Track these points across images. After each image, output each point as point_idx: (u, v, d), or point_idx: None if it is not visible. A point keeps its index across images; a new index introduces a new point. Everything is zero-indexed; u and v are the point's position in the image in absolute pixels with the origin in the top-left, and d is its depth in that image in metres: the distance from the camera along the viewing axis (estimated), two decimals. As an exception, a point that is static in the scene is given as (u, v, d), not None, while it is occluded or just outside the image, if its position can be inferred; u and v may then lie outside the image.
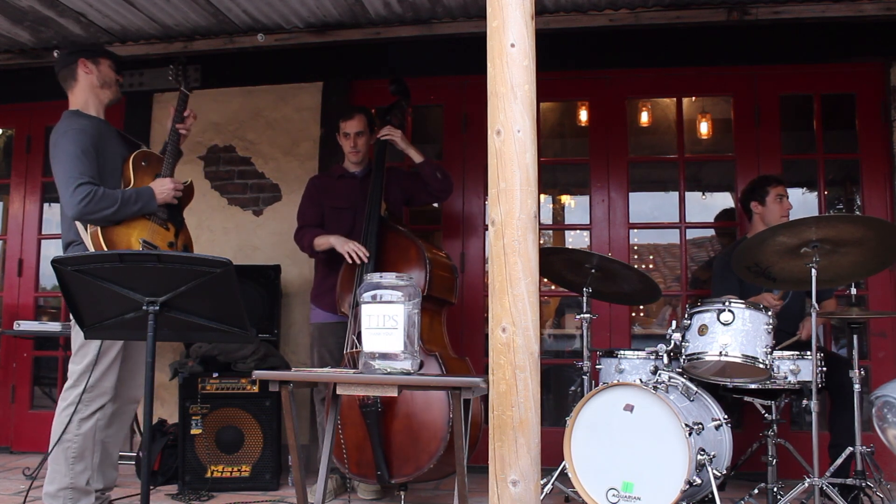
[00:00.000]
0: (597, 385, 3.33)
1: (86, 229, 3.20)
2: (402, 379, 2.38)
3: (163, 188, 3.35)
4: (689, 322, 3.35)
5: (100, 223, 3.17)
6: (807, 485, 3.07)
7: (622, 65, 4.73)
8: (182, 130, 3.53)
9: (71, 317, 3.24)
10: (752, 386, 3.34)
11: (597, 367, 3.67)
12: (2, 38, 4.66)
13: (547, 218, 6.20)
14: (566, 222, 6.61)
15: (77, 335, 3.21)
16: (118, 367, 3.24)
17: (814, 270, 3.10)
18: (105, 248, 3.15)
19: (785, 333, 3.67)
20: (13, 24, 4.45)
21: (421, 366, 2.50)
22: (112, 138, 3.38)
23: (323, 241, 3.85)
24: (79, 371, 3.18)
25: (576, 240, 5.95)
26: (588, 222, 4.77)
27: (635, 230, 4.95)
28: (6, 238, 5.36)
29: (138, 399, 3.45)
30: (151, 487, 3.87)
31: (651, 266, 6.23)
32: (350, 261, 3.69)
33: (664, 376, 3.30)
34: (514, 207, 2.08)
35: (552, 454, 3.21)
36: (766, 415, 3.42)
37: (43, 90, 5.14)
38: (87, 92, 3.37)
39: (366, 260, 3.65)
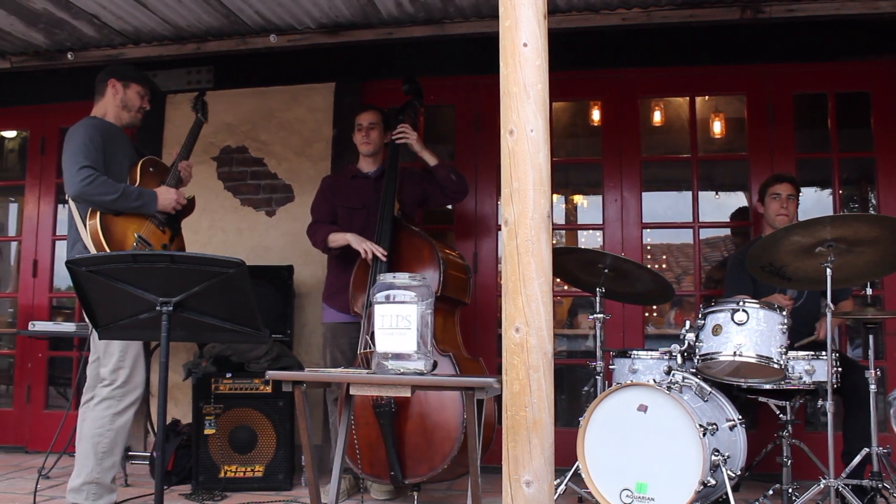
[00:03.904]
0: (610, 385, 3.31)
1: (84, 226, 3.27)
2: (414, 379, 2.37)
3: (167, 196, 3.47)
4: (702, 322, 3.33)
5: (97, 207, 3.25)
6: (822, 486, 3.05)
7: (635, 64, 4.71)
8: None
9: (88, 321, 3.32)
10: (767, 386, 3.32)
11: (610, 367, 3.66)
12: (17, 41, 4.69)
13: (560, 218, 6.18)
14: (579, 222, 6.59)
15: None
16: (143, 360, 3.35)
17: (829, 270, 3.08)
18: (102, 238, 3.23)
19: (800, 334, 3.64)
20: (28, 26, 4.48)
21: (435, 366, 2.50)
22: (123, 143, 3.51)
23: (339, 238, 3.84)
24: (109, 370, 3.26)
25: (588, 240, 5.93)
26: (601, 222, 4.75)
27: (648, 230, 4.93)
28: (21, 239, 5.40)
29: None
30: (165, 487, 3.88)
31: (664, 266, 6.20)
32: (366, 256, 3.68)
33: (678, 376, 3.28)
34: (527, 207, 2.07)
35: (565, 454, 3.19)
36: (781, 415, 3.39)
37: (57, 92, 5.21)
38: (108, 107, 3.55)
39: (382, 258, 3.65)
